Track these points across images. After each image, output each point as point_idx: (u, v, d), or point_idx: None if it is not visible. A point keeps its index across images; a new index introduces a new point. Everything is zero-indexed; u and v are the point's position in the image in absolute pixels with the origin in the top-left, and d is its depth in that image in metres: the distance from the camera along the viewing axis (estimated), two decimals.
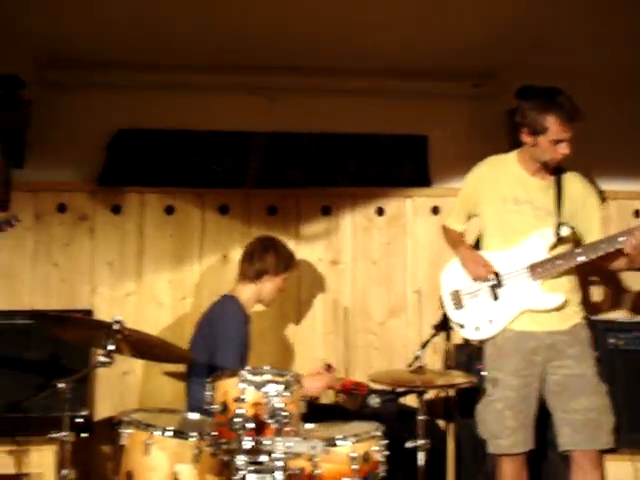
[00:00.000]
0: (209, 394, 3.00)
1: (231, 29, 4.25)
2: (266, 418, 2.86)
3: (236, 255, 4.42)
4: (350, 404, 3.98)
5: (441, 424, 4.28)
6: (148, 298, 4.52)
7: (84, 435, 3.39)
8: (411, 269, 4.67)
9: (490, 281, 3.61)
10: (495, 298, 3.62)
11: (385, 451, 3.28)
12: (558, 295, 3.54)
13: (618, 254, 3.48)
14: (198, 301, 4.47)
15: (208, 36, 4.28)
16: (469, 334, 3.70)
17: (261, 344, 4.31)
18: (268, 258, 3.97)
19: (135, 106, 4.49)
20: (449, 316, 3.76)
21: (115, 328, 3.17)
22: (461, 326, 3.72)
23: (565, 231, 3.54)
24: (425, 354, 3.59)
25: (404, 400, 3.99)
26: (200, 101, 4.51)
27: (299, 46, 4.32)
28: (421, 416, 3.42)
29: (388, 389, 3.77)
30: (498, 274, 3.60)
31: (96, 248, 4.50)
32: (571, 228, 3.55)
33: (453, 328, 3.80)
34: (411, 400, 3.86)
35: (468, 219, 3.81)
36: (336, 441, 3.18)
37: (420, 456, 3.40)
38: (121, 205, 4.52)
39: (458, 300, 3.72)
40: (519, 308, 3.56)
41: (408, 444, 3.40)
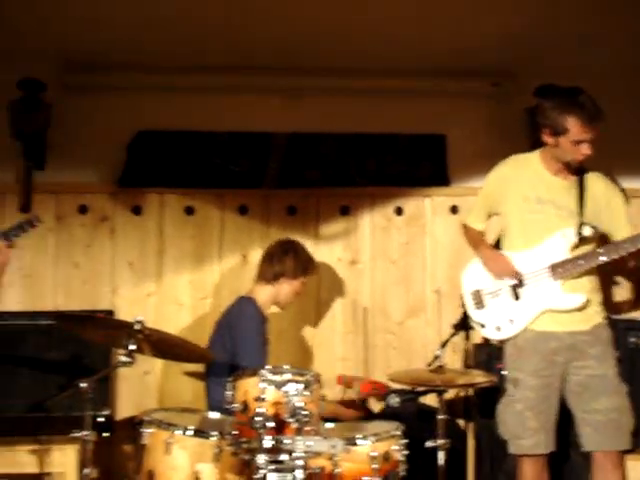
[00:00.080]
0: (230, 393, 3.02)
1: (250, 30, 4.26)
2: (286, 417, 2.88)
3: (255, 255, 4.44)
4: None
5: (461, 424, 4.28)
6: (168, 298, 4.54)
7: (105, 434, 3.39)
8: (430, 269, 4.66)
9: (511, 280, 3.60)
10: (516, 298, 3.61)
11: (405, 450, 3.29)
12: (579, 295, 3.52)
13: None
14: (218, 301, 4.48)
15: (227, 37, 4.29)
16: (490, 334, 3.69)
17: (280, 344, 4.33)
18: (287, 261, 3.97)
19: (155, 108, 4.51)
20: (470, 316, 3.75)
21: (136, 328, 3.19)
22: (482, 326, 3.71)
23: (587, 231, 3.51)
24: (445, 353, 3.61)
25: (424, 400, 3.98)
26: (219, 102, 4.52)
27: (318, 47, 4.33)
28: (441, 415, 3.43)
29: (408, 389, 3.77)
30: (519, 274, 3.59)
31: (117, 249, 4.53)
32: (593, 228, 3.53)
33: (473, 327, 3.79)
34: (431, 400, 3.86)
35: (488, 218, 3.79)
36: (356, 440, 3.19)
37: (440, 455, 3.41)
38: (141, 206, 4.55)
39: (479, 300, 3.71)
40: (540, 308, 3.55)
41: (428, 443, 3.41)
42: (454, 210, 4.66)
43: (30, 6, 4.09)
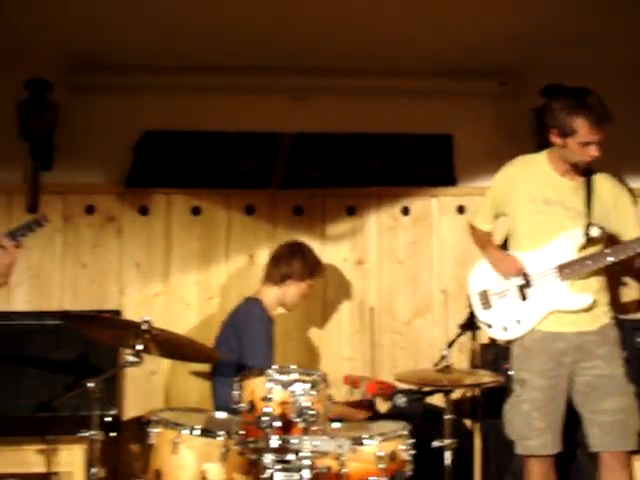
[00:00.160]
0: (236, 393, 3.02)
1: (256, 30, 4.26)
2: (293, 417, 2.87)
3: (262, 255, 4.44)
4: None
5: (467, 424, 4.27)
6: (175, 298, 4.55)
7: (112, 434, 3.40)
8: (437, 268, 4.66)
9: (519, 281, 3.59)
10: (523, 298, 3.60)
11: (412, 450, 3.29)
12: (587, 295, 3.51)
13: None
14: (224, 301, 4.49)
15: (234, 38, 4.30)
16: (497, 334, 3.69)
17: (287, 344, 4.34)
18: (294, 263, 3.98)
19: (161, 108, 4.52)
20: (477, 316, 3.75)
21: (143, 328, 3.20)
22: (489, 326, 3.70)
23: (595, 232, 3.50)
24: (451, 353, 3.59)
25: (430, 400, 3.98)
26: (225, 102, 4.53)
27: (324, 47, 4.33)
28: (448, 415, 3.42)
29: (414, 388, 3.78)
30: (527, 274, 3.59)
31: (124, 249, 4.54)
32: (601, 229, 3.53)
33: (480, 327, 3.79)
34: (437, 400, 3.85)
35: (496, 219, 3.79)
36: (363, 440, 3.19)
37: (447, 456, 3.41)
38: (148, 206, 4.56)
39: (486, 300, 3.71)
40: (547, 309, 3.54)
41: (435, 443, 3.41)
42: (461, 210, 4.66)
43: (36, 7, 4.10)
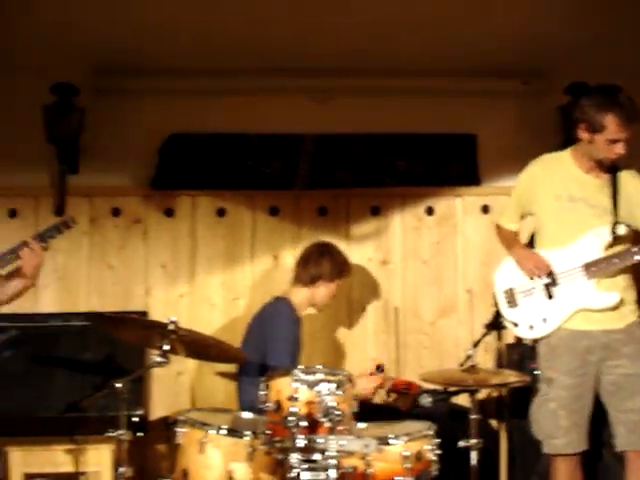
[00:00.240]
0: (263, 393, 3.03)
1: (279, 32, 4.27)
2: (319, 417, 2.87)
3: (286, 256, 4.46)
4: (402, 404, 3.98)
5: (493, 424, 4.26)
6: (201, 299, 4.58)
7: (140, 434, 3.42)
8: (462, 268, 4.66)
9: (545, 279, 3.58)
10: (550, 297, 3.58)
11: (437, 450, 3.28)
12: (613, 294, 3.49)
13: None
14: (250, 301, 4.51)
15: (257, 40, 4.31)
16: (523, 333, 3.67)
17: (312, 344, 4.34)
18: (324, 263, 3.98)
19: (186, 111, 4.55)
20: (502, 314, 3.73)
21: (170, 328, 3.21)
22: (515, 324, 3.69)
23: (622, 230, 3.48)
24: (477, 353, 3.59)
25: (456, 400, 3.98)
26: (250, 104, 4.55)
27: (348, 48, 4.34)
28: (473, 415, 3.42)
29: (440, 388, 3.77)
30: (553, 272, 3.57)
31: (150, 250, 4.57)
32: (628, 227, 3.50)
33: (505, 327, 3.77)
34: (463, 400, 3.85)
35: (522, 218, 3.77)
36: (389, 440, 3.18)
37: (473, 455, 3.40)
38: (174, 208, 4.59)
39: (512, 298, 3.69)
40: (574, 307, 3.52)
41: (461, 443, 3.40)
42: (485, 210, 4.65)
43: (62, 11, 4.14)
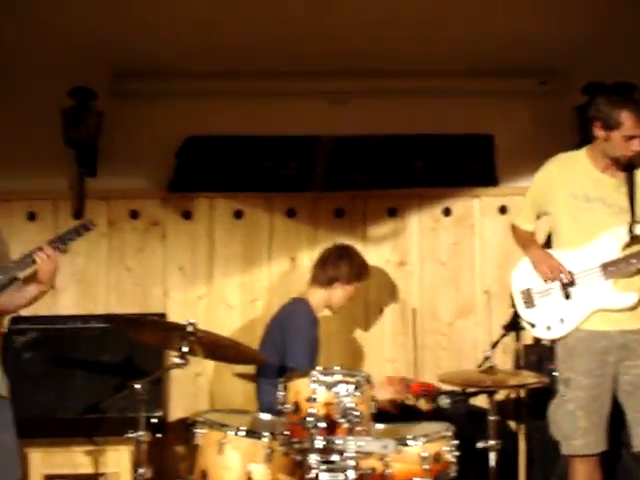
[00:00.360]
0: (281, 394, 3.04)
1: (296, 34, 4.29)
2: (338, 418, 2.88)
3: (304, 258, 4.47)
4: (424, 405, 3.97)
5: (512, 425, 4.25)
6: (219, 301, 4.59)
7: (158, 435, 3.43)
8: (479, 269, 4.65)
9: (562, 279, 3.57)
10: (567, 297, 3.57)
11: (456, 451, 3.27)
12: (631, 294, 3.48)
13: None
14: (267, 303, 4.53)
15: (274, 42, 4.33)
16: (540, 333, 3.66)
17: (330, 346, 4.35)
18: (342, 265, 3.98)
19: (203, 113, 4.57)
20: (520, 315, 3.72)
21: (189, 330, 3.23)
22: (532, 325, 3.68)
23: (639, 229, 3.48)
24: (495, 354, 3.58)
25: (474, 401, 3.97)
26: (267, 107, 4.56)
27: (364, 49, 4.35)
28: (492, 416, 3.41)
29: (458, 390, 3.76)
30: (570, 273, 3.56)
31: (168, 253, 4.60)
32: None
33: (523, 328, 3.76)
34: (481, 401, 3.85)
35: (538, 218, 3.76)
36: (407, 441, 3.18)
37: (491, 457, 3.39)
38: (191, 211, 4.61)
39: (529, 299, 3.68)
40: (591, 307, 3.51)
41: (479, 444, 3.40)
42: (503, 210, 4.64)
43: (79, 15, 4.18)
